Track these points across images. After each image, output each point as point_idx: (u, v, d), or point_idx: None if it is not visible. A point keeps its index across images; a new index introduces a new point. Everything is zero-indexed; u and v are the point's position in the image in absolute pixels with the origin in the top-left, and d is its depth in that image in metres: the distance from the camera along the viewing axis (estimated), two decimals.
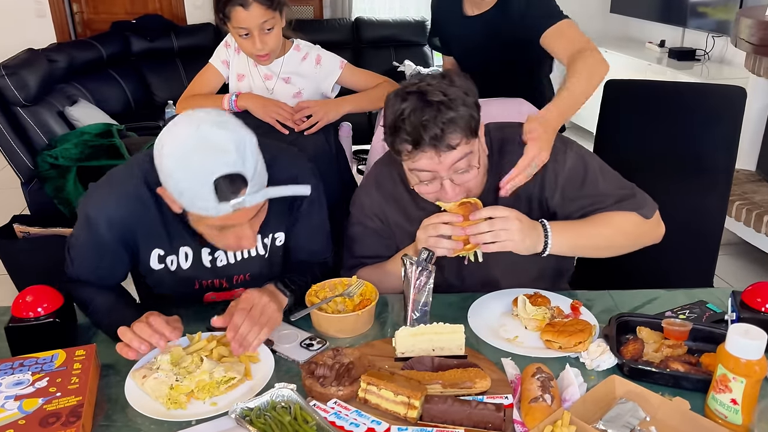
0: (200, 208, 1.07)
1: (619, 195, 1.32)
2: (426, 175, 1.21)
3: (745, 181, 3.18)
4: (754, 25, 2.87)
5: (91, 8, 5.00)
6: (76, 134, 3.14)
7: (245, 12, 1.64)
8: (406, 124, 1.15)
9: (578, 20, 5.83)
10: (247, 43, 1.71)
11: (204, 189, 1.03)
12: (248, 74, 1.83)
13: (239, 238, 1.16)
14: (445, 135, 1.15)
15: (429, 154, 1.16)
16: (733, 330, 0.94)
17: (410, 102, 1.16)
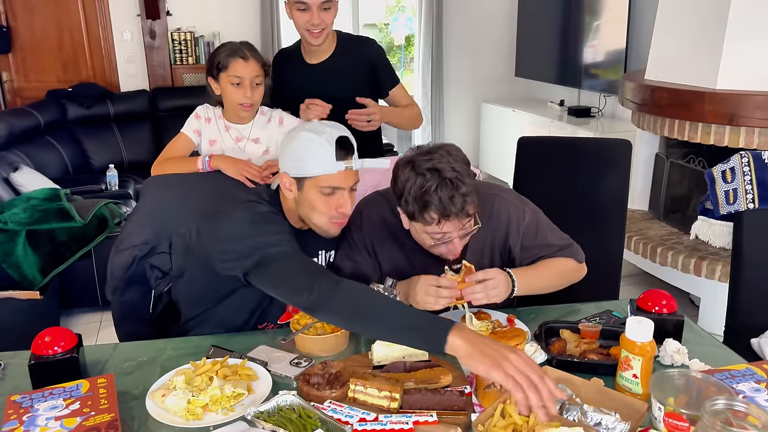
0: (320, 168, 1.43)
1: (561, 245, 1.68)
2: (438, 236, 1.48)
3: (640, 219, 3.66)
4: (636, 88, 3.39)
5: (21, 76, 5.06)
6: (23, 199, 3.22)
7: (244, 63, 1.95)
8: (434, 198, 1.41)
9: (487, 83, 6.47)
10: (238, 92, 1.97)
11: (327, 150, 1.42)
12: (220, 139, 2.06)
13: (340, 206, 1.47)
14: (466, 206, 1.44)
15: (453, 222, 1.45)
16: (630, 321, 1.26)
17: (431, 179, 1.41)
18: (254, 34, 5.30)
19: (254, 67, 1.97)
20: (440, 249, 1.54)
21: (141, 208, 1.91)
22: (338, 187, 1.47)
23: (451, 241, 1.50)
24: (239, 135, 2.06)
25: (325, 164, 1.44)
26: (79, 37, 5.06)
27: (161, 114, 4.84)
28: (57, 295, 3.07)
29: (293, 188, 1.50)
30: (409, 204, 1.46)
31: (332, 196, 1.47)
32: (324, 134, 1.44)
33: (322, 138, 1.44)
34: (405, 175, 1.47)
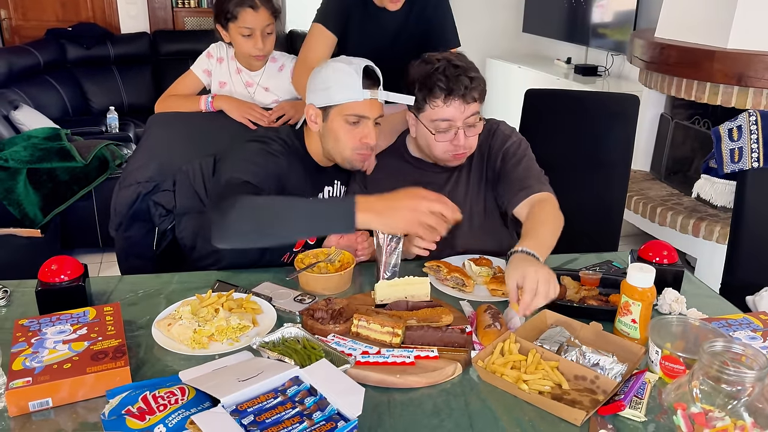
0: (347, 96, 1.46)
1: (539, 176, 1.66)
2: (445, 124, 1.52)
3: (641, 180, 3.66)
4: (645, 45, 3.35)
5: (20, 14, 4.96)
6: (24, 137, 3.20)
7: (254, 13, 1.88)
8: (440, 77, 1.50)
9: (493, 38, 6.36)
10: (249, 43, 1.92)
11: (354, 79, 1.45)
12: (230, 82, 2.03)
13: (364, 136, 1.50)
14: (471, 88, 1.50)
15: (457, 103, 1.50)
16: (632, 267, 1.27)
17: (441, 63, 1.51)
18: None
19: (265, 16, 1.90)
20: (445, 146, 1.56)
21: (145, 144, 1.90)
22: (363, 115, 1.49)
23: (455, 134, 1.53)
24: (250, 80, 2.04)
25: (352, 91, 1.46)
26: None
27: (162, 57, 4.78)
28: (58, 234, 3.09)
29: (318, 120, 1.52)
30: (416, 90, 1.54)
31: (357, 125, 1.50)
32: (352, 64, 1.47)
33: (350, 67, 1.47)
34: (415, 67, 1.55)
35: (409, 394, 1.11)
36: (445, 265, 1.51)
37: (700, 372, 0.99)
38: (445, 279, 1.49)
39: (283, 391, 1.00)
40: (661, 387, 1.12)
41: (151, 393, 1.01)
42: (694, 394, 0.98)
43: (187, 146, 1.81)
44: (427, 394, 1.11)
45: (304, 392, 1.00)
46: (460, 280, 1.47)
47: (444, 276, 1.49)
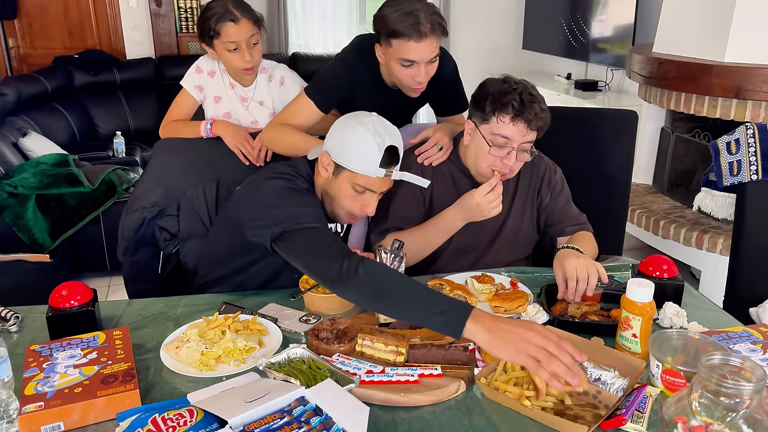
0: (362, 168, 1.44)
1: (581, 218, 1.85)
2: (502, 141, 1.58)
3: (644, 193, 3.68)
4: (644, 61, 3.38)
5: (28, 43, 5.06)
6: (32, 164, 3.26)
7: (235, 27, 1.85)
8: (516, 97, 1.56)
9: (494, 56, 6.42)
10: (236, 57, 1.90)
11: (374, 154, 1.42)
12: (225, 96, 2.04)
13: (365, 205, 1.51)
14: (538, 117, 1.57)
15: (521, 126, 1.56)
16: (631, 282, 1.29)
17: (519, 86, 1.59)
18: (260, 3, 5.27)
19: (247, 27, 1.87)
20: (493, 161, 1.62)
21: (151, 170, 1.94)
22: (371, 189, 1.49)
23: (508, 154, 1.60)
24: (244, 95, 2.05)
25: (368, 166, 1.44)
26: (85, 4, 5.05)
27: (167, 82, 4.85)
28: (66, 258, 3.13)
29: (330, 169, 1.50)
30: (488, 102, 1.59)
31: (362, 194, 1.50)
32: (378, 137, 1.43)
33: (375, 141, 1.43)
34: (493, 82, 1.62)
35: (414, 413, 1.13)
36: (447, 283, 1.53)
37: (698, 385, 1.00)
38: None
39: (290, 412, 1.02)
40: (663, 401, 1.14)
41: (161, 415, 1.03)
42: (694, 408, 0.99)
43: (191, 172, 1.85)
44: (431, 412, 1.13)
45: (310, 412, 1.02)
46: (462, 298, 1.49)
47: (447, 294, 1.51)
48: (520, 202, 1.81)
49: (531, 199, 1.82)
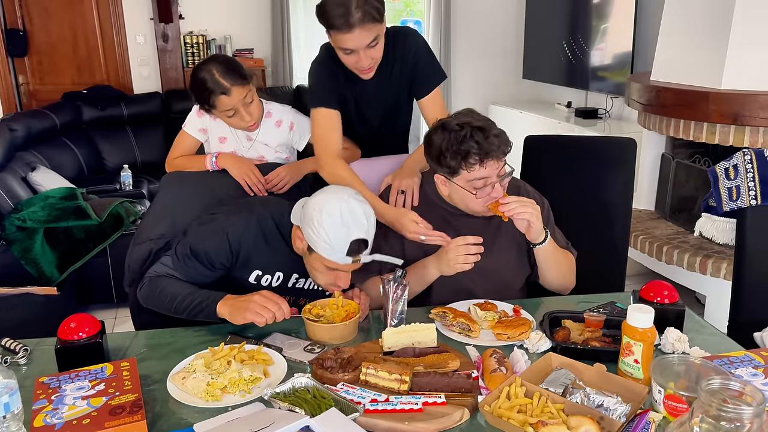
0: (329, 256, 1.48)
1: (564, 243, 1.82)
2: (480, 182, 1.60)
3: (646, 219, 3.69)
4: (642, 89, 3.43)
5: (37, 79, 5.17)
6: (41, 198, 3.30)
7: (227, 97, 1.90)
8: (472, 144, 1.57)
9: (495, 85, 6.50)
10: (236, 120, 1.96)
11: (340, 246, 1.46)
12: (230, 136, 2.08)
13: (337, 278, 1.54)
14: (502, 145, 1.60)
15: (492, 162, 1.59)
16: (631, 308, 1.30)
17: (466, 130, 1.58)
18: (265, 38, 5.39)
19: (239, 92, 1.90)
20: (483, 201, 1.64)
21: (158, 202, 1.97)
22: (341, 269, 1.53)
23: (493, 187, 1.62)
24: (249, 135, 2.08)
25: (336, 256, 1.48)
26: (94, 41, 5.16)
27: (174, 116, 4.92)
28: (74, 291, 3.15)
29: (303, 246, 1.55)
30: (449, 158, 1.60)
31: (334, 271, 1.54)
32: (344, 228, 1.45)
33: (342, 234, 1.45)
34: (438, 136, 1.62)
35: None
36: (450, 311, 1.55)
37: (699, 410, 1.01)
38: (451, 325, 1.52)
39: None
40: (666, 426, 1.14)
41: None
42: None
43: (197, 204, 1.87)
44: None
45: None
46: (465, 326, 1.51)
47: (450, 322, 1.53)
48: (506, 235, 1.77)
49: (519, 234, 1.75)
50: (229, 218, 1.62)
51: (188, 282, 1.61)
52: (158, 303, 1.59)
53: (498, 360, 1.32)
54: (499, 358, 1.33)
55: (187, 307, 1.54)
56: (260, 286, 1.66)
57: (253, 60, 5.32)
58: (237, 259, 1.62)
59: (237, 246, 1.60)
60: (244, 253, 1.61)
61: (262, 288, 1.65)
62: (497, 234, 1.77)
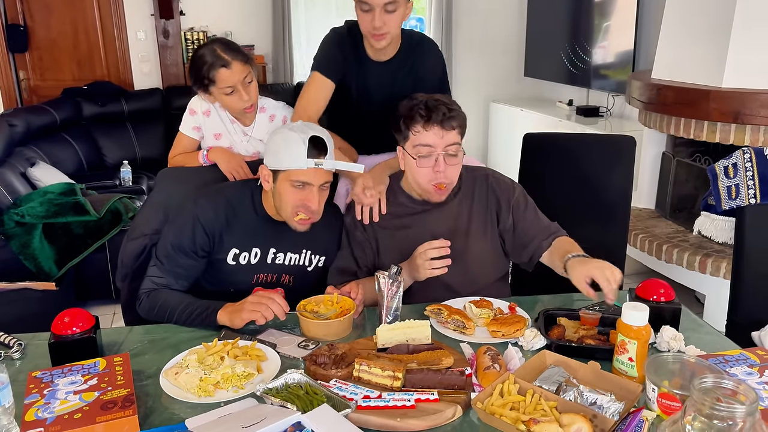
0: (292, 163, 1.54)
1: (552, 228, 1.77)
2: (425, 150, 1.61)
3: (646, 218, 3.68)
4: (642, 87, 3.42)
5: (38, 75, 5.17)
6: (40, 193, 3.30)
7: (228, 71, 1.90)
8: (420, 107, 1.62)
9: (496, 83, 6.48)
10: (234, 99, 1.94)
11: (299, 148, 1.53)
12: (225, 131, 2.08)
13: (305, 199, 1.58)
14: (449, 118, 1.61)
15: (435, 129, 1.60)
16: (626, 306, 1.30)
17: (423, 98, 1.65)
18: (266, 33, 5.38)
19: (239, 69, 1.90)
20: (428, 173, 1.64)
21: (153, 198, 1.96)
22: (307, 182, 1.57)
23: (436, 161, 1.62)
24: (244, 131, 2.08)
25: (297, 160, 1.54)
26: (95, 37, 5.16)
27: (174, 112, 4.92)
28: (72, 286, 3.15)
29: (270, 180, 1.62)
30: (401, 122, 1.66)
31: (302, 189, 1.58)
32: (300, 132, 1.55)
33: (300, 138, 1.54)
34: (402, 105, 1.68)
35: None
36: (446, 308, 1.55)
37: (692, 408, 1.00)
38: (446, 322, 1.52)
39: None
40: (659, 425, 1.13)
41: None
42: (687, 431, 1.00)
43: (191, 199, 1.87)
44: None
45: None
46: (460, 323, 1.50)
47: (445, 319, 1.52)
48: (478, 225, 1.77)
49: (490, 222, 1.78)
50: (197, 203, 1.67)
51: (181, 281, 1.64)
52: (159, 317, 1.60)
53: (492, 357, 1.31)
54: (493, 355, 1.32)
55: (187, 319, 1.56)
56: (239, 265, 1.68)
57: (253, 57, 5.31)
58: (214, 242, 1.65)
59: (210, 227, 1.63)
60: (218, 233, 1.65)
61: (241, 267, 1.68)
62: (464, 226, 1.76)
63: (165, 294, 1.61)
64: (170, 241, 1.64)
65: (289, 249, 1.72)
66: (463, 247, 1.73)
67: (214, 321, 1.53)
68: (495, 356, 1.32)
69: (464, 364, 1.34)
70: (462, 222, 1.76)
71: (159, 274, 1.64)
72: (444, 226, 1.74)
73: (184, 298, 1.59)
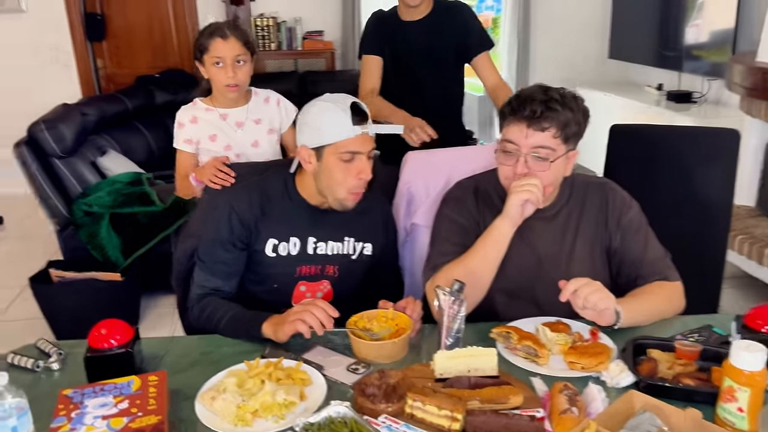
0: (338, 134, 1.44)
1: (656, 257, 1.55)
2: (510, 146, 1.43)
3: (746, 217, 3.32)
4: (746, 71, 3.05)
5: (114, 63, 5.27)
6: (108, 183, 3.32)
7: (223, 42, 1.91)
8: (518, 97, 1.43)
9: (577, 66, 6.10)
10: (219, 72, 1.93)
11: (342, 118, 1.43)
12: (219, 130, 2.03)
13: (360, 171, 1.48)
14: (542, 117, 1.39)
15: (520, 126, 1.40)
16: (737, 345, 1.07)
17: (533, 88, 1.45)
18: (335, 20, 5.26)
19: (235, 46, 1.93)
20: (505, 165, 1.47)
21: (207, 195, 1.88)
22: (357, 151, 1.48)
23: (517, 160, 1.43)
24: (238, 120, 2.04)
25: (344, 129, 1.45)
26: (167, 25, 5.20)
27: None
28: (138, 277, 3.15)
29: (312, 160, 1.50)
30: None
31: (352, 162, 1.48)
32: (338, 102, 1.47)
33: (338, 106, 1.46)
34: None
35: None
36: (515, 331, 1.36)
37: None
38: (515, 348, 1.34)
39: None
40: None
41: None
42: None
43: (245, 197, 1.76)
44: None
45: None
46: (532, 350, 1.31)
47: (514, 344, 1.34)
48: (586, 236, 1.56)
49: (600, 235, 1.57)
50: (231, 194, 1.62)
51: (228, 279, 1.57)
52: (209, 328, 1.52)
53: (569, 398, 1.12)
54: (571, 395, 1.13)
55: (233, 331, 1.47)
56: (279, 256, 1.58)
57: (323, 42, 5.21)
58: (251, 232, 1.56)
59: (246, 217, 1.55)
60: (253, 224, 1.55)
61: (281, 258, 1.58)
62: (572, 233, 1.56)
63: (214, 303, 1.52)
64: (207, 238, 1.56)
65: (329, 237, 1.60)
66: (566, 269, 1.53)
67: (259, 334, 1.41)
68: (573, 396, 1.13)
69: (536, 404, 1.16)
70: (568, 238, 1.56)
71: (205, 277, 1.56)
72: (547, 240, 1.55)
73: (230, 309, 1.49)
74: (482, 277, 1.47)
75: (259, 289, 1.60)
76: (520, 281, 1.55)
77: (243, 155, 2.05)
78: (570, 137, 1.44)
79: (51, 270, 2.96)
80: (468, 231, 1.56)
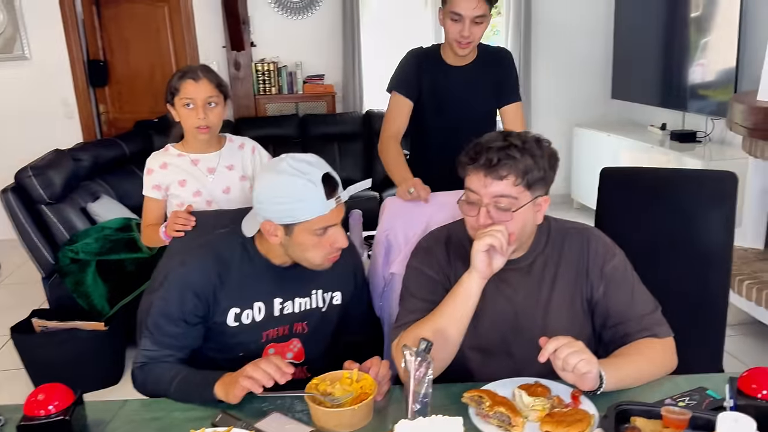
0: (311, 212, 1.34)
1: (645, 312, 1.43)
2: (473, 196, 1.35)
3: (753, 260, 3.18)
4: (747, 110, 2.96)
5: (116, 108, 5.30)
6: (97, 229, 3.26)
7: (194, 84, 1.88)
8: (476, 145, 1.35)
9: (580, 105, 6.07)
10: (190, 114, 1.90)
11: (313, 193, 1.32)
12: (189, 176, 1.99)
13: (334, 242, 1.40)
14: (499, 165, 1.30)
15: (478, 175, 1.32)
16: (723, 417, 0.96)
17: (493, 134, 1.37)
18: (336, 63, 5.27)
19: (206, 88, 1.90)
20: (467, 215, 1.37)
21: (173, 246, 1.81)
22: (331, 225, 1.39)
23: (479, 210, 1.34)
24: (210, 165, 2.00)
25: (317, 207, 1.35)
26: (169, 70, 5.21)
27: None
28: (122, 326, 3.06)
29: (279, 233, 1.40)
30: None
31: (325, 235, 1.40)
32: (308, 174, 1.34)
33: (304, 179, 1.33)
34: None
35: None
36: (489, 396, 1.25)
37: None
38: (487, 415, 1.22)
39: None
40: None
41: None
42: None
43: None
44: None
45: None
46: (506, 417, 1.20)
47: (485, 411, 1.23)
48: (564, 287, 1.45)
49: (580, 286, 1.45)
50: (183, 264, 1.48)
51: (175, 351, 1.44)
52: (156, 393, 1.41)
53: None
54: None
55: (184, 395, 1.36)
56: (243, 325, 1.47)
57: (323, 86, 5.21)
58: (209, 304, 1.44)
59: (202, 289, 1.43)
60: (212, 295, 1.44)
61: (245, 327, 1.48)
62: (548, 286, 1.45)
63: (160, 367, 1.41)
64: (157, 311, 1.45)
65: (296, 294, 1.51)
66: (542, 323, 1.43)
67: (212, 396, 1.31)
68: None
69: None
70: (544, 289, 1.45)
71: (151, 347, 1.44)
72: (522, 292, 1.45)
73: (180, 371, 1.39)
74: (451, 335, 1.36)
75: (222, 357, 1.49)
76: (495, 337, 1.44)
77: (214, 201, 1.99)
78: (533, 184, 1.34)
79: (33, 319, 2.88)
80: (437, 284, 1.46)
